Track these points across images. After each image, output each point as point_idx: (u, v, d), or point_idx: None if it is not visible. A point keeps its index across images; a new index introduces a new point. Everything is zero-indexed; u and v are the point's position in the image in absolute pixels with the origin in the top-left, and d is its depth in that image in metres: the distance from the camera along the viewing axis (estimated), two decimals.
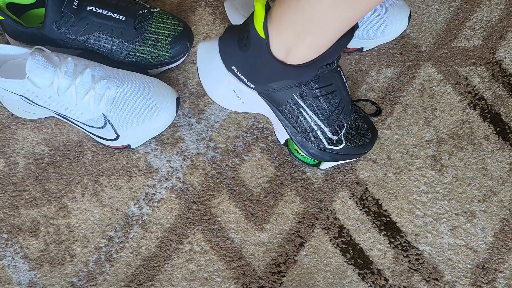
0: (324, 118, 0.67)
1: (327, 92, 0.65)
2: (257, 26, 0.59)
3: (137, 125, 0.70)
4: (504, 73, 0.83)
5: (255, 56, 0.61)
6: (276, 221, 0.74)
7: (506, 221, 0.76)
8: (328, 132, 0.68)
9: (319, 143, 0.69)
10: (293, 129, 0.68)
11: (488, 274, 0.73)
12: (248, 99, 0.69)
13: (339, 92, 0.67)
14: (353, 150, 0.71)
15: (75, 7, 0.69)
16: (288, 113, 0.67)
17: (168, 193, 0.74)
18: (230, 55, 0.64)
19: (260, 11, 0.57)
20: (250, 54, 0.62)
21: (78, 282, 0.70)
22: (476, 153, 0.78)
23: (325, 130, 0.68)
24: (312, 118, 0.67)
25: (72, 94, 0.67)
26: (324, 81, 0.64)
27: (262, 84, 0.65)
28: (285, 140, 0.74)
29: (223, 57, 0.65)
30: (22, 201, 0.73)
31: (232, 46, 0.63)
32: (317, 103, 0.66)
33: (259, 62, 0.62)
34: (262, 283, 0.71)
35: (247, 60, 0.63)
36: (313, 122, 0.67)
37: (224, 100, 0.71)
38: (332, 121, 0.68)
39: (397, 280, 0.72)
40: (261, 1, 0.58)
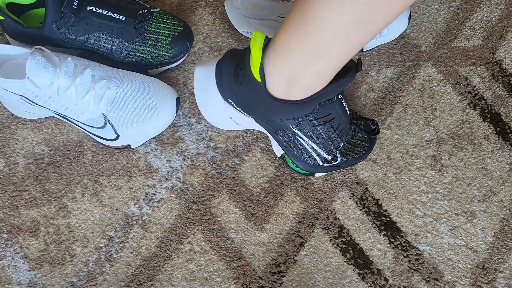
0: (321, 143, 0.66)
1: (324, 121, 0.64)
2: (253, 70, 0.57)
3: (137, 125, 0.70)
4: (504, 73, 0.83)
5: (251, 94, 0.60)
6: (276, 221, 0.74)
7: (506, 221, 0.76)
8: (323, 153, 0.68)
9: (313, 162, 0.69)
10: (289, 148, 0.68)
11: (488, 274, 0.73)
12: (245, 123, 0.68)
13: (338, 119, 0.65)
14: (349, 162, 0.70)
15: (75, 7, 0.69)
16: (285, 137, 0.66)
17: (168, 193, 0.74)
18: (226, 87, 0.62)
19: (257, 55, 0.56)
20: (246, 91, 0.60)
21: (78, 282, 0.70)
22: (476, 153, 0.78)
23: (321, 153, 0.67)
24: (308, 144, 0.66)
25: (72, 94, 0.67)
26: (323, 112, 0.63)
27: (259, 116, 0.64)
28: (281, 154, 0.74)
29: (220, 89, 0.63)
30: (22, 201, 0.73)
31: (229, 78, 0.62)
32: (314, 131, 0.65)
33: (256, 99, 0.60)
34: (262, 283, 0.71)
35: (244, 95, 0.61)
36: (309, 146, 0.67)
37: (220, 123, 0.71)
38: (328, 143, 0.67)
39: (397, 280, 0.72)
40: (258, 45, 0.56)
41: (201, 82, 0.66)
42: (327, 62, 0.54)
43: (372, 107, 0.80)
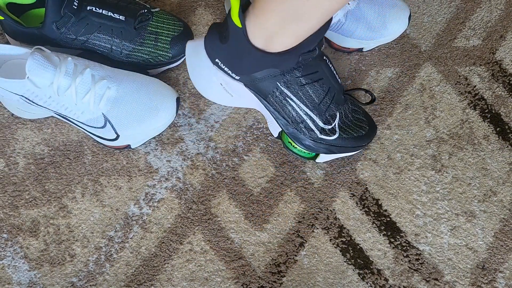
0: (313, 107, 0.67)
1: (312, 80, 0.66)
2: (233, 16, 0.60)
3: (137, 125, 0.70)
4: (504, 73, 0.83)
5: (235, 46, 0.63)
6: (276, 221, 0.74)
7: (506, 221, 0.76)
8: (319, 121, 0.68)
9: (311, 134, 0.68)
10: (284, 120, 0.68)
11: (488, 274, 0.73)
12: (236, 91, 0.69)
13: (327, 80, 0.67)
14: (348, 141, 0.70)
15: (75, 7, 0.69)
16: (276, 103, 0.67)
17: (168, 193, 0.74)
18: (213, 49, 0.66)
19: (235, 2, 0.59)
20: (230, 44, 0.63)
21: (78, 282, 0.70)
22: (476, 153, 0.78)
23: (316, 119, 0.68)
24: (300, 108, 0.67)
25: (72, 94, 0.67)
26: (308, 69, 0.65)
27: (245, 75, 0.66)
28: (278, 133, 0.74)
29: (208, 52, 0.67)
30: (22, 201, 0.73)
31: (215, 41, 0.65)
32: (304, 91, 0.66)
33: (240, 51, 0.63)
34: (262, 283, 0.71)
35: (229, 51, 0.64)
36: (302, 112, 0.67)
37: (213, 94, 0.72)
38: (322, 110, 0.67)
39: (397, 280, 0.72)
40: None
41: (192, 55, 0.69)
42: (303, 24, 0.58)
43: (372, 107, 0.80)
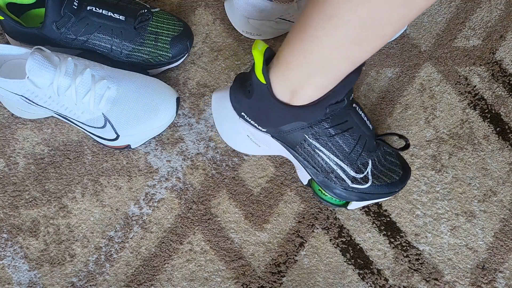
0: (344, 157, 0.65)
1: (342, 130, 0.63)
2: (257, 72, 0.59)
3: (137, 125, 0.70)
4: (504, 73, 0.83)
5: (260, 101, 0.62)
6: (276, 221, 0.74)
7: (506, 221, 0.76)
8: (350, 170, 0.65)
9: (342, 183, 0.66)
10: (313, 169, 0.66)
11: (488, 274, 0.73)
12: (263, 142, 0.69)
13: (357, 129, 0.64)
14: (381, 188, 0.67)
15: (75, 7, 0.69)
16: (304, 153, 0.65)
17: (168, 193, 0.74)
18: (238, 102, 0.66)
19: (258, 58, 0.59)
20: (255, 99, 0.63)
21: (78, 282, 0.70)
22: (476, 153, 0.78)
23: (347, 169, 0.65)
24: (330, 158, 0.65)
25: (72, 94, 0.67)
26: (337, 119, 0.62)
27: (272, 127, 0.65)
28: (308, 180, 0.72)
29: (234, 105, 0.67)
30: (22, 201, 0.73)
31: (240, 94, 0.65)
32: (333, 142, 0.64)
33: (265, 106, 0.62)
34: (262, 283, 0.71)
35: (254, 105, 0.64)
36: (332, 162, 0.65)
37: (240, 145, 0.72)
38: (353, 159, 0.65)
39: (397, 280, 0.72)
40: (259, 48, 0.59)
41: (218, 103, 0.70)
42: (327, 76, 0.56)
43: (372, 107, 0.80)
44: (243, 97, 0.64)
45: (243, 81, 0.65)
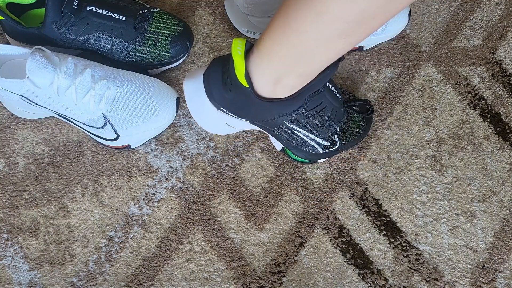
0: (318, 132, 0.68)
1: (317, 111, 0.66)
2: (239, 77, 0.59)
3: (137, 125, 0.70)
4: (504, 73, 0.83)
5: (241, 99, 0.62)
6: (276, 221, 0.74)
7: (506, 221, 0.76)
8: (322, 141, 0.70)
9: (314, 150, 0.71)
10: (288, 142, 0.70)
11: (488, 274, 0.73)
12: (241, 126, 0.70)
13: (330, 106, 0.67)
14: (348, 145, 0.72)
15: (75, 7, 0.69)
16: (281, 133, 0.68)
17: (168, 193, 0.74)
18: (217, 97, 0.64)
19: (240, 64, 0.58)
20: (236, 97, 0.62)
21: (78, 282, 0.70)
22: (476, 153, 0.78)
23: (319, 141, 0.70)
24: (305, 135, 0.68)
25: (72, 94, 0.67)
26: (313, 103, 0.65)
27: (252, 119, 0.66)
28: (281, 147, 0.75)
29: (210, 98, 0.65)
30: (22, 201, 0.73)
31: (217, 87, 0.63)
32: (309, 122, 0.67)
33: (247, 103, 0.62)
34: (262, 283, 0.71)
35: (234, 102, 0.63)
36: (307, 137, 0.69)
37: (217, 130, 0.72)
38: (325, 131, 0.69)
39: (397, 280, 0.72)
40: (239, 52, 0.58)
41: (191, 94, 0.68)
42: (310, 66, 0.57)
43: None
44: (222, 93, 0.63)
45: (219, 71, 0.63)
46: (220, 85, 0.62)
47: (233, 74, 0.60)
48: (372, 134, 0.78)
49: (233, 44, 0.59)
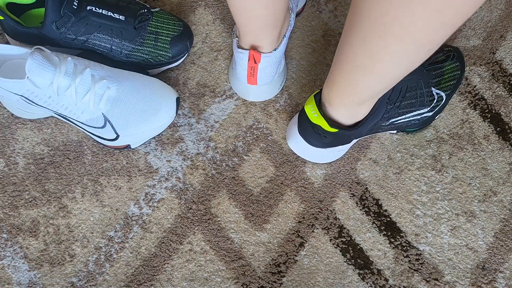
0: (417, 107, 0.71)
1: (403, 96, 0.68)
2: (328, 129, 0.66)
3: (137, 125, 0.70)
4: (504, 73, 0.83)
5: (339, 136, 0.68)
6: (276, 221, 0.74)
7: (506, 221, 0.76)
8: (425, 109, 0.72)
9: (425, 118, 0.74)
10: (399, 128, 0.74)
11: (488, 274, 0.73)
12: (349, 145, 0.74)
13: (410, 81, 0.69)
14: (453, 91, 0.75)
15: (75, 7, 0.69)
16: (388, 128, 0.72)
17: (168, 193, 0.74)
18: (320, 144, 0.70)
19: (323, 123, 0.65)
20: (333, 137, 0.68)
21: (78, 282, 0.70)
22: (476, 153, 0.78)
23: (424, 111, 0.72)
24: (409, 117, 0.71)
25: (72, 94, 0.67)
26: (394, 95, 0.67)
27: (356, 138, 0.71)
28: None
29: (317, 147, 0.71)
30: (22, 201, 0.73)
31: (315, 139, 0.70)
32: (403, 107, 0.69)
33: (344, 135, 0.68)
34: (262, 283, 0.71)
35: (335, 139, 0.69)
36: (411, 117, 0.72)
37: (336, 156, 0.76)
38: (422, 101, 0.71)
39: (397, 280, 0.72)
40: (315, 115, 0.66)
41: (300, 149, 0.74)
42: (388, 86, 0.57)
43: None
44: (322, 140, 0.69)
45: (309, 128, 0.69)
46: (318, 137, 0.69)
47: (321, 128, 0.67)
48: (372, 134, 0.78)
49: (307, 110, 0.67)
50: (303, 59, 0.81)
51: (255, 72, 0.71)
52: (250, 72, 0.71)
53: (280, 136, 0.77)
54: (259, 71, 0.71)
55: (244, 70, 0.71)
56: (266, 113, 0.78)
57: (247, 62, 0.69)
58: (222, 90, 0.79)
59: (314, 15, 0.84)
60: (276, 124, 0.78)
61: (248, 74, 0.72)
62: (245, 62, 0.70)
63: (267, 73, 0.72)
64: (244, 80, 0.74)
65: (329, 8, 0.84)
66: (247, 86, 0.75)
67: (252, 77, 0.72)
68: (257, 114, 0.78)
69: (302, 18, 0.83)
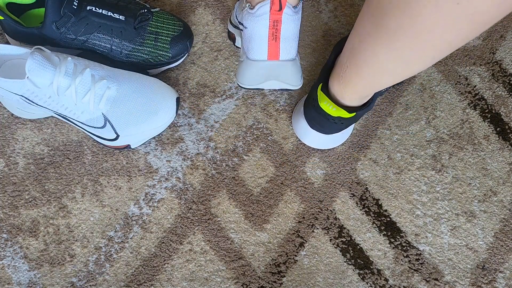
0: None
1: None
2: (347, 115, 0.66)
3: (137, 125, 0.70)
4: (504, 73, 0.83)
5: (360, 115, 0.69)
6: (276, 221, 0.74)
7: (506, 221, 0.76)
8: None
9: None
10: None
11: (488, 274, 0.73)
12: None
13: None
14: None
15: (75, 7, 0.69)
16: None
17: (168, 193, 0.74)
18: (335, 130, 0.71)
19: (341, 112, 0.65)
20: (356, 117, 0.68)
21: (78, 282, 0.70)
22: (476, 153, 0.78)
23: None
24: None
25: (72, 94, 0.67)
26: None
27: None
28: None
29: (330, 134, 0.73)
30: (22, 201, 0.73)
31: (333, 128, 0.70)
32: None
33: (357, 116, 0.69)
34: (262, 283, 0.71)
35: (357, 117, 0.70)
36: None
37: (340, 140, 0.77)
38: None
39: (397, 280, 0.72)
40: (332, 108, 0.65)
41: (317, 143, 0.75)
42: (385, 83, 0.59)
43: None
44: (339, 127, 0.69)
45: (326, 122, 0.68)
46: (335, 125, 0.68)
47: (340, 118, 0.66)
48: (372, 134, 0.78)
49: (324, 107, 0.66)
50: (303, 59, 0.81)
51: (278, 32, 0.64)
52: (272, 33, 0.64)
53: (280, 136, 0.77)
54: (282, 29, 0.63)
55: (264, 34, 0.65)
56: (266, 113, 0.78)
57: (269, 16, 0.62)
58: (222, 90, 0.79)
59: (314, 15, 0.84)
60: (276, 124, 0.78)
61: (270, 37, 0.65)
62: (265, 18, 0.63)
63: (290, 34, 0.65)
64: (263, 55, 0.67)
65: (329, 8, 0.84)
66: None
67: (275, 41, 0.65)
68: (257, 114, 0.78)
69: (302, 18, 0.83)
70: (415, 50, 0.47)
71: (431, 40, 0.45)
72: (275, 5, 0.61)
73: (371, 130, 0.78)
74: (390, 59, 0.50)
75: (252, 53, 0.68)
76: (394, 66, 0.52)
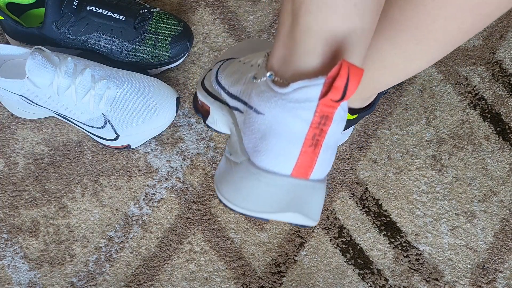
0: None
1: None
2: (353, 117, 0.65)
3: (137, 125, 0.70)
4: (504, 73, 0.83)
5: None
6: (276, 221, 0.74)
7: (506, 221, 0.76)
8: None
9: None
10: None
11: (488, 274, 0.73)
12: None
13: None
14: None
15: (75, 7, 0.69)
16: None
17: (168, 193, 0.74)
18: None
19: (348, 116, 0.63)
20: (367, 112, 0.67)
21: (78, 282, 0.70)
22: (476, 153, 0.78)
23: None
24: None
25: (72, 94, 0.67)
26: None
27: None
28: None
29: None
30: (22, 201, 0.73)
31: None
32: None
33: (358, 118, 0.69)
34: (262, 283, 0.71)
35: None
36: None
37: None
38: None
39: (397, 280, 0.72)
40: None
41: None
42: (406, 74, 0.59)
43: None
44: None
45: None
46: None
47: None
48: (372, 134, 0.78)
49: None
50: None
51: (322, 134, 0.38)
52: (313, 135, 0.38)
53: None
54: (329, 132, 0.38)
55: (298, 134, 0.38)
56: None
57: (316, 106, 0.37)
58: None
59: None
60: None
61: (307, 141, 0.38)
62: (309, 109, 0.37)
63: (334, 141, 0.40)
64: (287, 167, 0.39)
65: None
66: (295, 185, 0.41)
67: (313, 148, 0.39)
68: None
69: None
70: (418, 43, 0.48)
71: (434, 31, 0.46)
72: (334, 91, 0.35)
73: (371, 130, 0.78)
74: (393, 53, 0.51)
75: (265, 158, 0.40)
76: (397, 62, 0.52)
